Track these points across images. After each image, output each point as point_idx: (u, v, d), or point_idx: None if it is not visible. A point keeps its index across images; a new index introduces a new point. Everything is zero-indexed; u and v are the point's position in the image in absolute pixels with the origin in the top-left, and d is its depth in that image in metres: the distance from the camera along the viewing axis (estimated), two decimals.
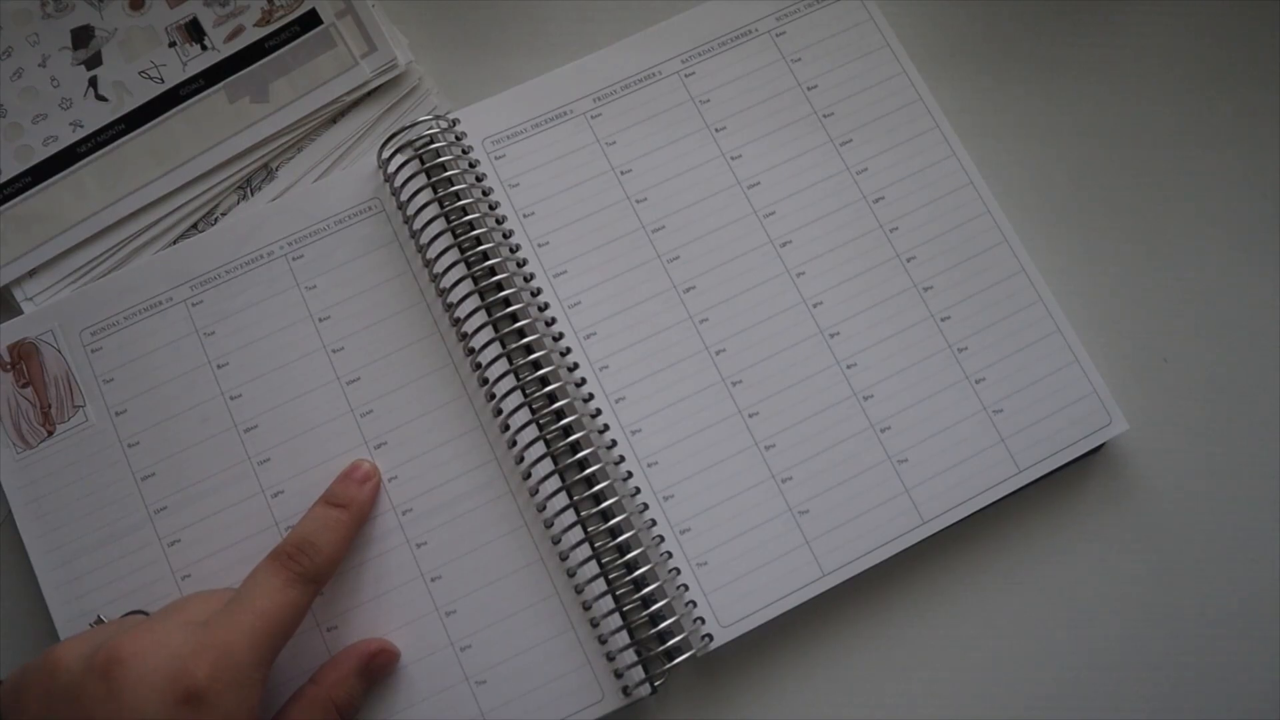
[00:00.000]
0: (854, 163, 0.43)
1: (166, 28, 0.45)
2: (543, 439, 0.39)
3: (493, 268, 0.41)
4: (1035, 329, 0.41)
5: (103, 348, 0.41)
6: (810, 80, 0.44)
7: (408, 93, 0.44)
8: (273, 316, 0.41)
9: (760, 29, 0.44)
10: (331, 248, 0.42)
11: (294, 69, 0.44)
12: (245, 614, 0.34)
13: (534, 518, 0.40)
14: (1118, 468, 0.41)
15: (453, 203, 0.41)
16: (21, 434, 0.40)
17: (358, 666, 0.37)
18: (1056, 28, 0.46)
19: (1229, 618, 0.40)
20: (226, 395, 0.41)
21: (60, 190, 0.43)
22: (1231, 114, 0.45)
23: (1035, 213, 0.44)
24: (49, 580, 0.39)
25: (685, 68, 0.44)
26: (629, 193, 0.43)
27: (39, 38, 0.45)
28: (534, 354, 0.40)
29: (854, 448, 0.40)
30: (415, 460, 0.40)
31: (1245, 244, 0.44)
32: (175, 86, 0.44)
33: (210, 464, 0.40)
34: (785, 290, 0.42)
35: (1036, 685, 0.39)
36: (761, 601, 0.39)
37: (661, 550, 0.39)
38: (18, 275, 0.43)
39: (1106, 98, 0.45)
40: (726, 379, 0.41)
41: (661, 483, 0.40)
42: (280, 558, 0.36)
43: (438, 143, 0.42)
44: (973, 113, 0.45)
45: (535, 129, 0.43)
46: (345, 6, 0.44)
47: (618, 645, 0.38)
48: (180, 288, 0.42)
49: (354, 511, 0.38)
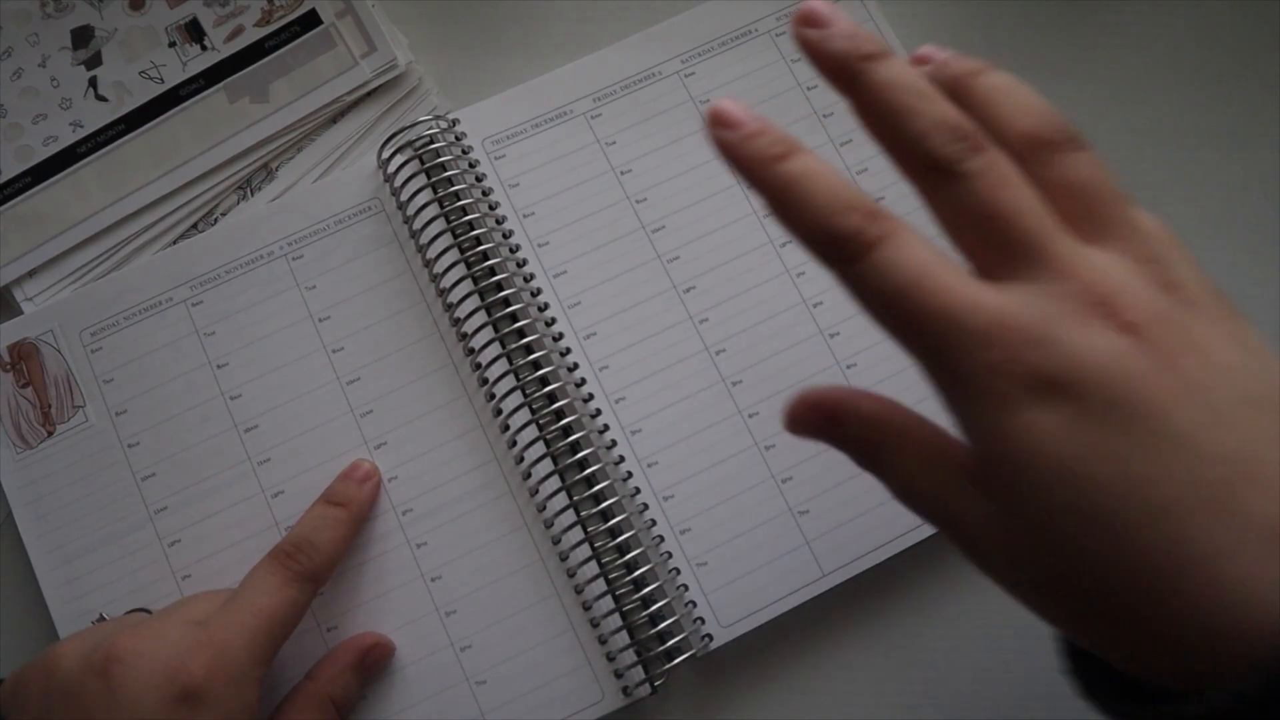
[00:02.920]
0: (854, 163, 0.43)
1: (166, 28, 0.45)
2: (543, 439, 0.39)
3: (493, 268, 0.41)
4: None
5: (103, 348, 0.41)
6: (810, 80, 0.44)
7: (408, 93, 0.44)
8: (273, 316, 0.41)
9: (760, 29, 0.44)
10: (331, 248, 0.42)
11: (294, 69, 0.44)
12: (244, 613, 0.34)
13: (534, 518, 0.39)
14: None
15: (453, 203, 0.41)
16: (21, 434, 0.40)
17: (353, 661, 0.37)
18: (1056, 28, 0.46)
19: None
20: (226, 395, 0.41)
21: (60, 190, 0.43)
22: (1232, 114, 0.45)
23: None
24: (49, 580, 0.39)
25: (685, 68, 0.44)
26: (629, 193, 0.43)
27: (39, 38, 0.45)
28: (534, 354, 0.40)
29: None
30: (415, 460, 0.40)
31: (1245, 244, 0.44)
32: (175, 86, 0.44)
33: (210, 464, 0.40)
34: (785, 290, 0.42)
35: (1037, 685, 0.39)
36: (761, 601, 0.39)
37: (661, 550, 0.39)
38: (18, 275, 0.43)
39: (1106, 98, 0.45)
40: (726, 379, 0.41)
41: (661, 483, 0.40)
42: (279, 556, 0.36)
43: (438, 143, 0.42)
44: None
45: (535, 129, 0.43)
46: (345, 6, 0.44)
47: (618, 645, 0.38)
48: (180, 288, 0.42)
49: (354, 510, 0.38)
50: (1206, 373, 0.23)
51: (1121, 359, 0.23)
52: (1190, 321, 0.24)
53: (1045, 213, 0.25)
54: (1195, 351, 0.24)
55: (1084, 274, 0.24)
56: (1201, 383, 0.23)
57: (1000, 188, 0.25)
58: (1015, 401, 0.23)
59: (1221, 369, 0.24)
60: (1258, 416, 0.23)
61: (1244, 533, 0.22)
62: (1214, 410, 0.23)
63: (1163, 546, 0.22)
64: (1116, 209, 0.27)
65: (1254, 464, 0.22)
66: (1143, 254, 0.26)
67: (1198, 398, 0.23)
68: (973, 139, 0.25)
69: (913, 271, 0.25)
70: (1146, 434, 0.23)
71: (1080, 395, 0.23)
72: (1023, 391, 0.23)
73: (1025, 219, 0.25)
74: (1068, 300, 0.24)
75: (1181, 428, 0.23)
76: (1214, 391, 0.23)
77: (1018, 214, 0.25)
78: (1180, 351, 0.24)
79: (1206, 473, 0.22)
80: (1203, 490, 0.22)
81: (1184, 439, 0.23)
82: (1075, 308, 0.24)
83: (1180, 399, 0.23)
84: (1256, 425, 0.23)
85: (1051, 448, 0.23)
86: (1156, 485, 0.22)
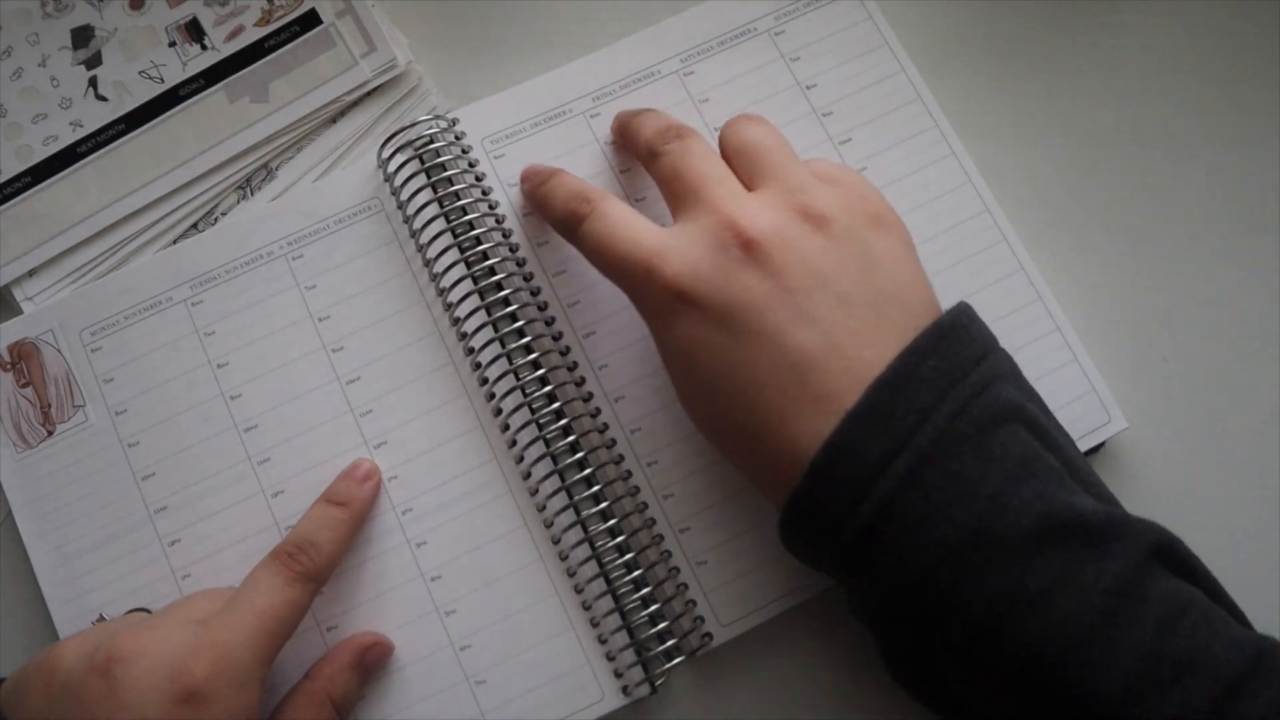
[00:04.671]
0: (853, 162, 0.43)
1: (166, 27, 0.45)
2: (543, 439, 0.39)
3: (493, 267, 0.41)
4: (1034, 327, 0.41)
5: (103, 348, 0.41)
6: (810, 79, 0.44)
7: (407, 93, 0.44)
8: (273, 316, 0.41)
9: (759, 28, 0.44)
10: (331, 247, 0.42)
11: (294, 69, 0.44)
12: (245, 613, 0.34)
13: (534, 518, 0.40)
14: (1117, 466, 0.41)
15: (453, 202, 0.41)
16: (21, 434, 0.40)
17: (352, 660, 0.37)
18: (1056, 27, 0.46)
19: None
20: (226, 395, 0.41)
21: (60, 190, 0.43)
22: (1231, 114, 0.45)
23: (1034, 212, 0.44)
24: (49, 580, 0.39)
25: (684, 67, 0.44)
26: (629, 192, 0.43)
27: (39, 38, 0.45)
28: (534, 354, 0.40)
29: None
30: (415, 460, 0.40)
31: (1245, 244, 0.44)
32: (175, 86, 0.44)
33: (210, 464, 0.40)
34: None
35: None
36: (761, 601, 0.39)
37: (661, 549, 0.39)
38: (18, 275, 0.43)
39: (1106, 97, 0.45)
40: None
41: (661, 482, 0.40)
42: (280, 556, 0.36)
43: (437, 142, 0.42)
44: (973, 112, 0.45)
45: (535, 129, 0.43)
46: (345, 6, 0.44)
47: (618, 645, 0.38)
48: (180, 288, 0.42)
49: (354, 510, 0.38)
50: (804, 279, 0.32)
51: (732, 272, 0.32)
52: (807, 237, 0.32)
53: (719, 173, 0.35)
54: (801, 263, 0.32)
55: (724, 207, 0.33)
56: (799, 287, 0.31)
57: (684, 157, 0.35)
58: (666, 312, 0.33)
59: (819, 275, 0.32)
60: (845, 313, 0.31)
61: (799, 403, 0.31)
62: (802, 311, 0.31)
63: (750, 411, 0.32)
64: (772, 160, 0.35)
65: (825, 350, 0.31)
66: (786, 190, 0.34)
67: (790, 300, 0.31)
68: (672, 131, 0.37)
69: (606, 230, 0.35)
70: (745, 331, 0.31)
71: (700, 304, 0.32)
72: (668, 304, 0.33)
73: (694, 175, 0.35)
74: (707, 231, 0.33)
75: (771, 325, 0.31)
76: (809, 295, 0.31)
77: (690, 172, 0.35)
78: (786, 264, 0.32)
79: (782, 360, 0.31)
80: (780, 373, 0.31)
81: (773, 334, 0.31)
82: (711, 235, 0.33)
83: (775, 302, 0.31)
84: (842, 322, 0.31)
85: (684, 343, 0.33)
86: (748, 368, 0.31)
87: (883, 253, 0.33)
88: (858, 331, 0.31)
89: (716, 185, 0.34)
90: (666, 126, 0.37)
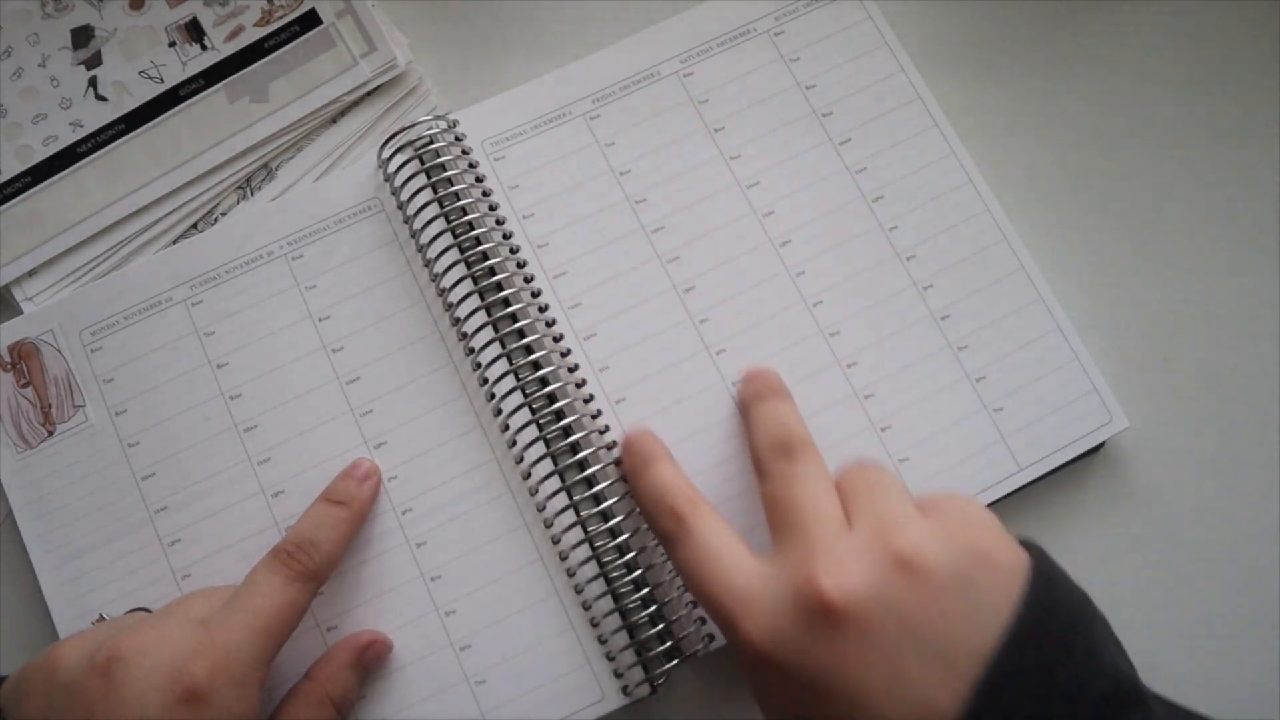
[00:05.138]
0: (853, 162, 0.43)
1: (166, 28, 0.45)
2: (543, 439, 0.39)
3: (493, 268, 0.41)
4: (1035, 327, 0.41)
5: (103, 348, 0.41)
6: (809, 80, 0.44)
7: (407, 93, 0.44)
8: (273, 316, 0.41)
9: (759, 29, 0.44)
10: (331, 248, 0.42)
11: (294, 69, 0.44)
12: (245, 612, 0.34)
13: (534, 518, 0.40)
14: (1118, 466, 0.41)
15: (453, 203, 0.41)
16: (22, 434, 0.40)
17: (351, 659, 0.37)
18: (1057, 27, 0.46)
19: (1229, 615, 0.40)
20: (226, 395, 0.41)
21: (60, 190, 0.43)
22: (1232, 114, 0.45)
23: (1035, 212, 0.44)
24: (49, 580, 0.39)
25: (684, 68, 0.44)
26: (628, 194, 0.43)
27: (39, 38, 0.45)
28: (534, 354, 0.40)
29: (854, 447, 0.40)
30: (415, 460, 0.40)
31: (1245, 244, 0.44)
32: (175, 86, 0.44)
33: (210, 464, 0.40)
34: (785, 290, 0.42)
35: None
36: None
37: (661, 550, 0.39)
38: (18, 275, 0.43)
39: (1107, 97, 0.45)
40: (727, 379, 0.41)
41: None
42: (280, 555, 0.36)
43: (438, 143, 0.42)
44: (973, 112, 0.45)
45: (534, 130, 0.43)
46: (345, 6, 0.44)
47: (618, 645, 0.38)
48: (180, 288, 0.42)
49: (354, 509, 0.38)
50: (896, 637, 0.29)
51: (817, 638, 0.30)
52: (899, 588, 0.30)
53: (818, 510, 0.33)
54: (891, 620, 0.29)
55: (814, 561, 0.31)
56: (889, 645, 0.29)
57: (787, 486, 0.34)
58: (749, 664, 0.32)
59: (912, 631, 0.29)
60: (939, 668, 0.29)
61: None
62: (893, 672, 0.29)
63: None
64: (872, 496, 0.33)
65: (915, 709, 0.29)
66: (879, 529, 0.31)
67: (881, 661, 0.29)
68: (783, 450, 0.35)
69: (697, 562, 0.34)
70: (830, 695, 0.30)
71: (783, 669, 0.30)
72: (750, 659, 0.31)
73: (794, 509, 0.33)
74: (794, 589, 0.31)
75: (858, 689, 0.29)
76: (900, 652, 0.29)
77: (791, 502, 0.34)
78: (871, 627, 0.29)
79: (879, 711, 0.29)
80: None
81: (862, 697, 0.29)
82: (798, 595, 0.31)
83: (862, 666, 0.29)
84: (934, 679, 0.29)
85: (775, 701, 0.32)
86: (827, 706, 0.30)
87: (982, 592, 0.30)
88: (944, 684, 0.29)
89: (813, 523, 0.32)
90: (779, 442, 0.36)
